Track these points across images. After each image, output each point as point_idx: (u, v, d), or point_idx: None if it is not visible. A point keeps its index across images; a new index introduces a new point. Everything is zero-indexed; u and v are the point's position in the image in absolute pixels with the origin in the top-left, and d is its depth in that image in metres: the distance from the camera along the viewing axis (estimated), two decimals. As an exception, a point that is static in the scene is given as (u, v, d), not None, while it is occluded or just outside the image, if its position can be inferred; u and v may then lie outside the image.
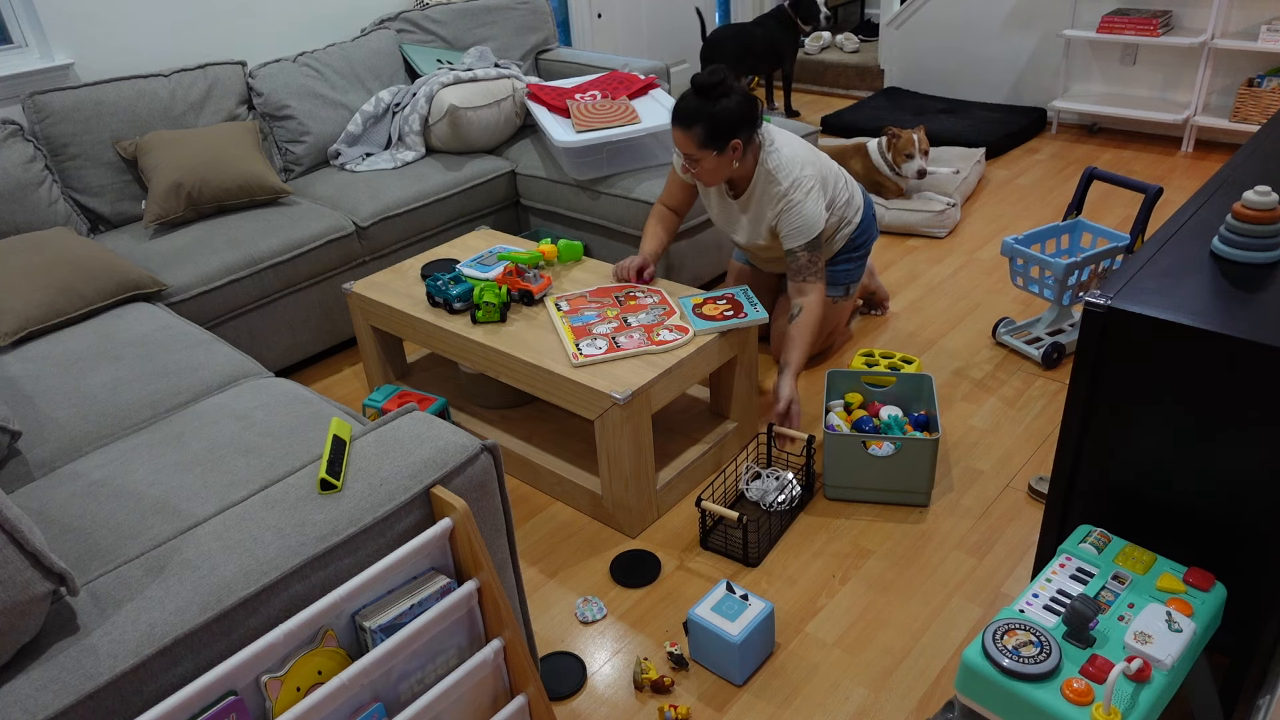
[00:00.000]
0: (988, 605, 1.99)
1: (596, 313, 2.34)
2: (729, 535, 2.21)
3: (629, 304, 2.38)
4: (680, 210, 2.67)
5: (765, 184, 2.42)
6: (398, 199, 3.12)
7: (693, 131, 2.28)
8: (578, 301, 2.40)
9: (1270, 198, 1.46)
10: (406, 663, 1.36)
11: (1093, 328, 1.44)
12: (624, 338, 2.23)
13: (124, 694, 1.10)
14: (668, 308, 2.35)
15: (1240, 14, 4.11)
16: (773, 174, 2.40)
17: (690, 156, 2.33)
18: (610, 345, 2.20)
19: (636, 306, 2.37)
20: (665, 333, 2.24)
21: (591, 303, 2.39)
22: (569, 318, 2.32)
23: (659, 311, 2.34)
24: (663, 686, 1.83)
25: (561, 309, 2.36)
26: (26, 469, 1.84)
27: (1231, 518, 1.43)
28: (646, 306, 2.36)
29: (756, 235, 2.53)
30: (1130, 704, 1.26)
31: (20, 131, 2.79)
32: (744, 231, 2.56)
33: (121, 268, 2.50)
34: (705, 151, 2.31)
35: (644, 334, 2.24)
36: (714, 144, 2.30)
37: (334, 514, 1.32)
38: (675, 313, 2.33)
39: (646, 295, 2.42)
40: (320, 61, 3.42)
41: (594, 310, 2.35)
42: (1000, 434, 2.52)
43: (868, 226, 2.72)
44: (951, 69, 5.07)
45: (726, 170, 2.37)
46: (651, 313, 2.33)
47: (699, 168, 2.35)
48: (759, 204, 2.46)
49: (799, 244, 2.41)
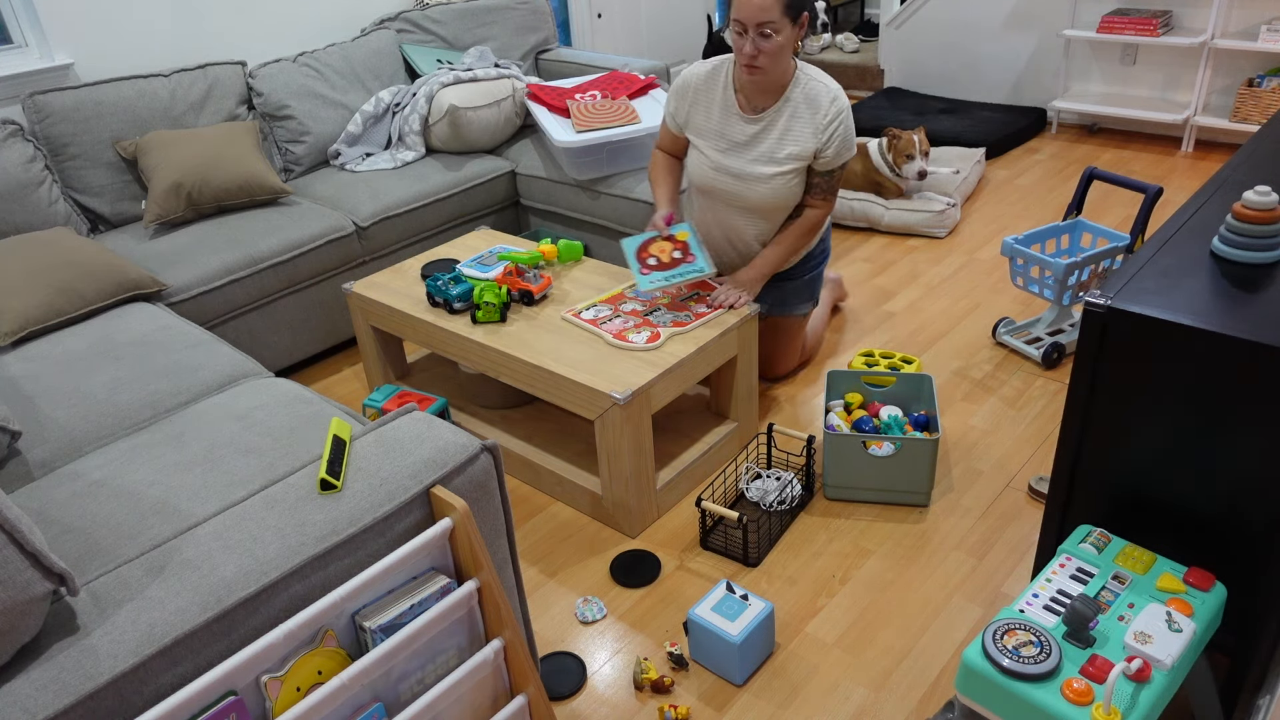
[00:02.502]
0: (988, 605, 1.99)
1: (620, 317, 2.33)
2: (729, 535, 2.21)
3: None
4: (680, 154, 2.54)
5: (805, 96, 2.23)
6: (398, 199, 3.12)
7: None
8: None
9: (1270, 198, 1.46)
10: (406, 663, 1.36)
11: (1093, 328, 1.44)
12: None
13: (124, 694, 1.10)
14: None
15: (1240, 14, 4.11)
16: (816, 82, 2.22)
17: (765, 27, 2.09)
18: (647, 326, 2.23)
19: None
20: (635, 335, 2.23)
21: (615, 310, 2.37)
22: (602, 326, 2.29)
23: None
24: (663, 686, 1.83)
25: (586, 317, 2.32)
26: (26, 469, 1.84)
27: (1231, 517, 1.43)
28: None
29: (771, 163, 2.28)
30: (1130, 704, 1.26)
31: (20, 131, 2.79)
32: (749, 159, 2.31)
33: (121, 268, 2.50)
34: (785, 20, 2.08)
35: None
36: (794, 10, 2.08)
37: (334, 514, 1.32)
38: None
39: None
40: (320, 61, 3.42)
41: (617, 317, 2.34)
42: (1000, 434, 2.52)
43: (828, 234, 2.66)
44: (951, 69, 5.07)
45: (787, 57, 2.14)
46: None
47: (769, 45, 2.10)
48: (790, 123, 2.25)
49: (839, 164, 2.25)
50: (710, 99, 2.35)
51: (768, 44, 2.12)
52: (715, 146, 2.36)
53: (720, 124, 2.34)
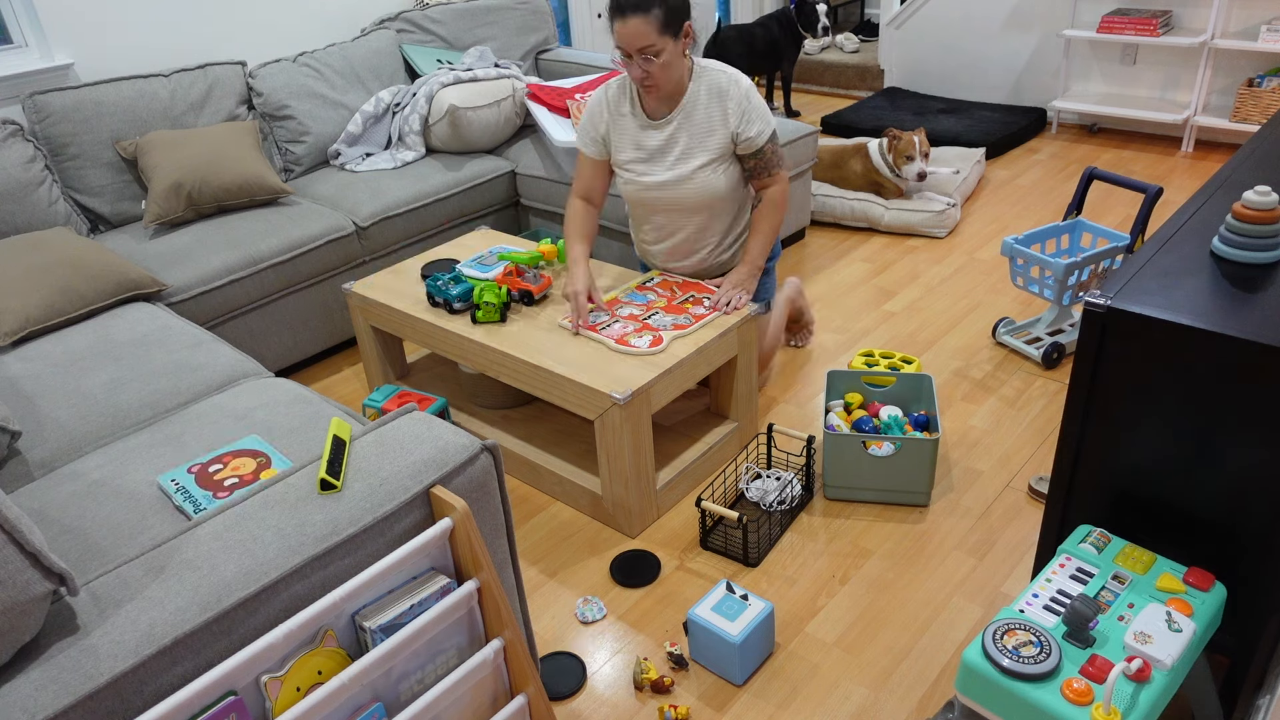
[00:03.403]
0: (988, 605, 1.99)
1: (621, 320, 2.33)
2: (729, 535, 2.21)
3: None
4: (597, 199, 2.46)
5: (709, 88, 2.26)
6: (398, 199, 3.12)
7: (653, 15, 2.07)
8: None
9: (1270, 198, 1.46)
10: (406, 663, 1.36)
11: (1093, 328, 1.44)
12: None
13: (124, 694, 1.10)
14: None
15: (1240, 14, 4.11)
16: (714, 72, 2.24)
17: (648, 52, 2.12)
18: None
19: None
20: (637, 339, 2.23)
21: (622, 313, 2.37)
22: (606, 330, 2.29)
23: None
24: (663, 686, 1.83)
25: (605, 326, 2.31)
26: (26, 469, 1.84)
27: (1231, 517, 1.43)
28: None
29: (690, 160, 2.29)
30: (1130, 704, 1.26)
31: (20, 131, 2.79)
32: (669, 163, 2.31)
33: (121, 268, 2.50)
34: (665, 39, 2.10)
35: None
36: (672, 28, 2.10)
37: (334, 514, 1.32)
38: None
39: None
40: (320, 61, 3.42)
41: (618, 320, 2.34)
42: (1000, 434, 2.52)
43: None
44: (951, 69, 5.07)
45: (679, 67, 2.18)
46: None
47: (656, 65, 2.14)
48: (700, 116, 2.27)
49: (766, 138, 2.27)
50: (622, 114, 2.36)
51: (654, 64, 2.15)
52: (637, 159, 2.37)
53: (635, 136, 2.36)
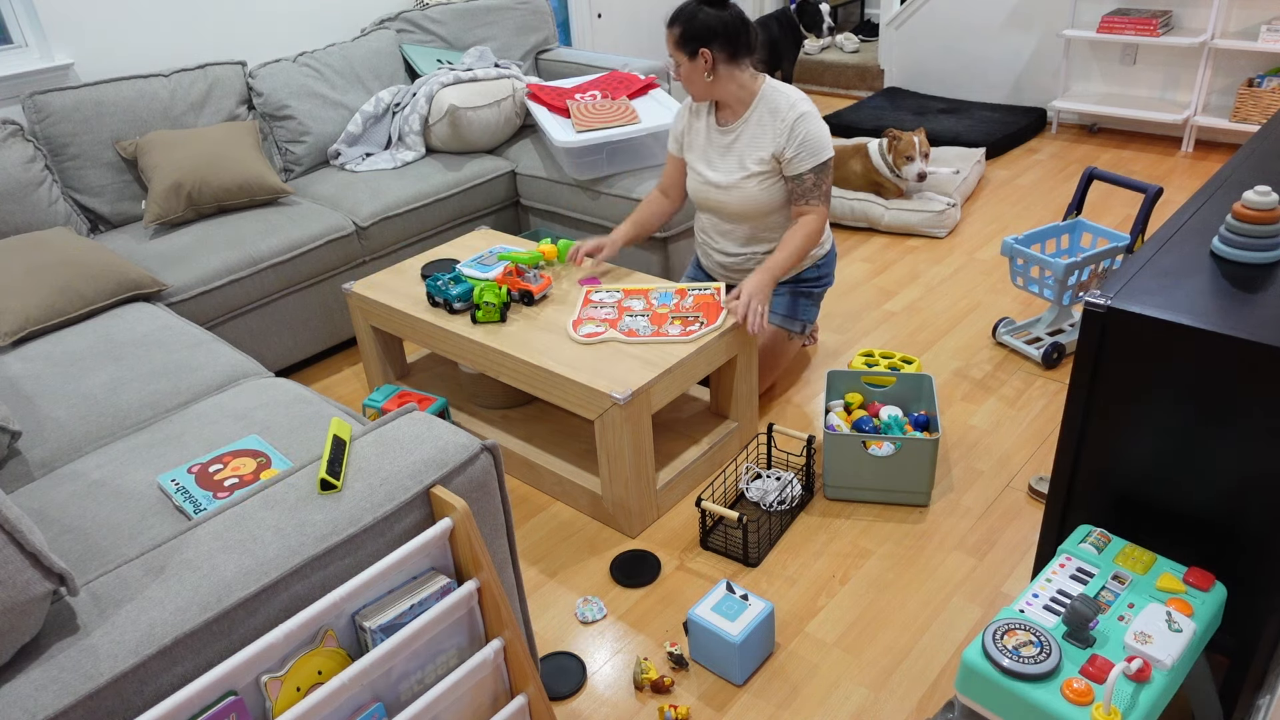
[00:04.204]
0: (988, 605, 1.99)
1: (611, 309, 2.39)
2: (729, 535, 2.21)
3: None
4: (672, 192, 2.69)
5: (768, 107, 2.44)
6: (398, 199, 3.12)
7: (673, 31, 2.39)
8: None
9: (1270, 198, 1.46)
10: (406, 663, 1.36)
11: (1093, 328, 1.44)
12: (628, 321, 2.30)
13: (124, 694, 1.10)
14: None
15: (1240, 14, 4.11)
16: (778, 94, 2.44)
17: (673, 59, 2.43)
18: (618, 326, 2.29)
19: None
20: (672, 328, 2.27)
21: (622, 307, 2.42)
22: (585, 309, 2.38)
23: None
24: (663, 686, 1.83)
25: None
26: (26, 469, 1.84)
27: (1231, 517, 1.43)
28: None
29: (741, 169, 2.47)
30: (1130, 704, 1.26)
31: (20, 131, 2.79)
32: (727, 168, 2.50)
33: (121, 268, 2.50)
34: (679, 53, 2.40)
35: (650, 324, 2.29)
36: (686, 47, 2.37)
37: (334, 514, 1.32)
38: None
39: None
40: (320, 61, 3.42)
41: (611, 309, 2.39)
42: (1000, 434, 2.52)
43: (831, 262, 2.69)
44: (951, 69, 5.07)
45: (700, 83, 2.42)
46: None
47: (680, 72, 2.45)
48: (755, 130, 2.45)
49: (808, 167, 2.40)
50: (699, 118, 2.58)
51: (679, 71, 2.46)
52: (702, 159, 2.57)
53: (706, 138, 2.56)
